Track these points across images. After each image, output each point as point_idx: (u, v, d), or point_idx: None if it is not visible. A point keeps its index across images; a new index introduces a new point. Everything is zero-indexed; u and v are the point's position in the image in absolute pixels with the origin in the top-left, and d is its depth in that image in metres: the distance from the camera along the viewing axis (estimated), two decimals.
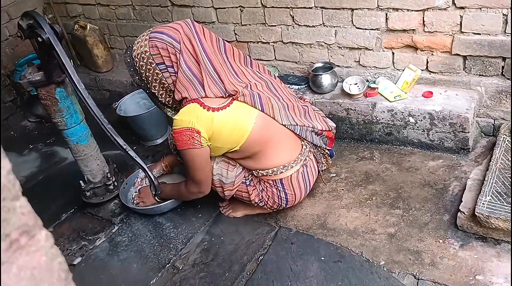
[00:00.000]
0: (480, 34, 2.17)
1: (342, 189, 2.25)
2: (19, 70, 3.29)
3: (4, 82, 3.50)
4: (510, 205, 1.72)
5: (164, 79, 1.88)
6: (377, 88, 2.46)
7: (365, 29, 2.44)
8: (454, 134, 2.27)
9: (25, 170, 3.05)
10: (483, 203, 1.77)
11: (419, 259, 1.83)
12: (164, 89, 1.94)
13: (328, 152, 2.16)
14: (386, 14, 2.34)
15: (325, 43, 2.60)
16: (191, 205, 2.34)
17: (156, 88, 1.94)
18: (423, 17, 2.26)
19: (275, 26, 2.70)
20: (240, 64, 2.00)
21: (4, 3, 3.43)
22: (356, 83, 2.54)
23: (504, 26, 2.10)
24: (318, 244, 2.00)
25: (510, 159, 1.96)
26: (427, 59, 2.38)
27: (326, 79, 2.54)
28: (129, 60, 1.93)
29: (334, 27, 2.52)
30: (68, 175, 2.79)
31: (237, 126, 1.86)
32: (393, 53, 2.46)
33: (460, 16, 2.17)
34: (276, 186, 1.99)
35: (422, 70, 2.42)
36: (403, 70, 2.46)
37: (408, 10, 2.27)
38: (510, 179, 1.84)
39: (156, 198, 2.23)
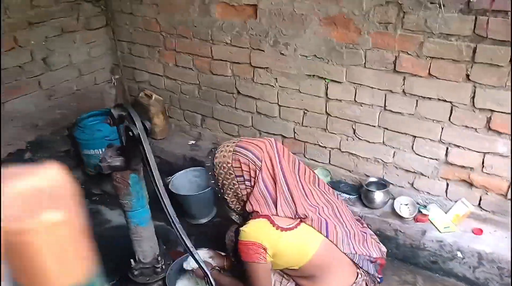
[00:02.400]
0: None
1: None
2: (81, 126, 3.45)
3: (63, 133, 3.66)
4: None
5: (239, 190, 1.99)
6: (428, 215, 2.53)
7: (424, 156, 2.55)
8: (501, 277, 2.31)
9: None
10: None
11: None
12: (237, 198, 2.04)
13: (379, 280, 2.21)
14: (447, 148, 2.45)
15: (382, 161, 2.71)
16: None
17: (229, 196, 2.05)
18: (483, 159, 2.36)
19: (335, 134, 2.83)
20: (310, 184, 2.10)
21: (77, 60, 3.65)
22: (407, 204, 2.62)
23: None
24: None
25: None
26: (480, 196, 2.47)
27: (379, 196, 2.63)
28: (209, 164, 2.05)
29: (394, 148, 2.64)
30: (112, 241, 2.86)
31: (301, 249, 1.94)
32: (447, 184, 2.55)
33: None
34: None
35: (473, 205, 2.49)
36: (455, 201, 2.54)
37: (470, 149, 2.38)
38: None
39: None
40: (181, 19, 3.21)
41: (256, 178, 1.94)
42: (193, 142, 3.56)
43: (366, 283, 2.15)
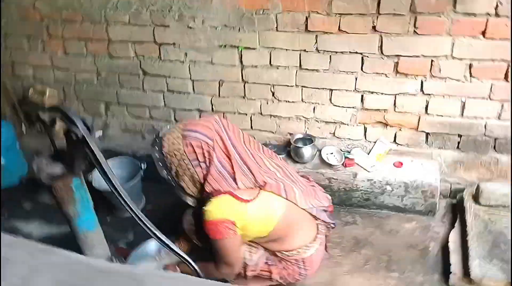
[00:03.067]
0: (442, 116, 2.61)
1: (339, 255, 2.50)
2: None
3: None
4: (498, 267, 2.12)
5: (196, 174, 1.97)
6: (354, 159, 2.77)
7: (342, 107, 2.75)
8: (425, 200, 2.66)
9: None
10: (474, 266, 2.13)
11: None
12: (193, 182, 2.02)
13: (332, 225, 2.39)
14: (362, 96, 2.68)
15: (304, 117, 2.86)
16: None
17: (185, 181, 2.01)
18: (395, 100, 2.64)
19: (254, 99, 2.90)
20: (258, 151, 2.16)
21: None
22: (332, 153, 2.84)
23: (461, 110, 2.56)
24: None
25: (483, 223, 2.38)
26: (395, 134, 2.76)
27: (307, 151, 2.79)
28: (157, 156, 1.98)
29: (313, 103, 2.80)
30: None
31: (267, 216, 2.01)
32: (365, 128, 2.80)
33: (427, 101, 2.59)
34: (297, 265, 2.16)
35: (390, 142, 2.79)
36: (374, 142, 2.81)
37: (382, 93, 2.64)
38: (490, 243, 2.25)
39: None
40: (66, 2, 2.93)
41: (210, 158, 1.94)
42: (100, 133, 3.35)
43: (324, 231, 2.32)
